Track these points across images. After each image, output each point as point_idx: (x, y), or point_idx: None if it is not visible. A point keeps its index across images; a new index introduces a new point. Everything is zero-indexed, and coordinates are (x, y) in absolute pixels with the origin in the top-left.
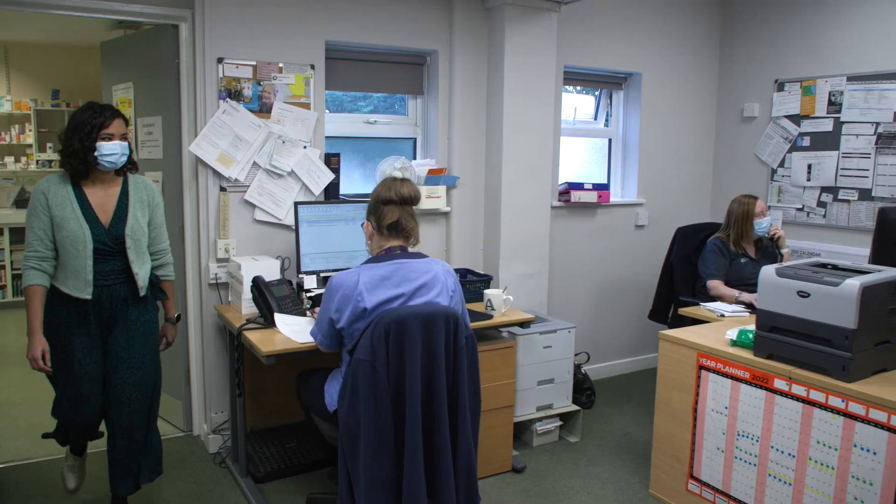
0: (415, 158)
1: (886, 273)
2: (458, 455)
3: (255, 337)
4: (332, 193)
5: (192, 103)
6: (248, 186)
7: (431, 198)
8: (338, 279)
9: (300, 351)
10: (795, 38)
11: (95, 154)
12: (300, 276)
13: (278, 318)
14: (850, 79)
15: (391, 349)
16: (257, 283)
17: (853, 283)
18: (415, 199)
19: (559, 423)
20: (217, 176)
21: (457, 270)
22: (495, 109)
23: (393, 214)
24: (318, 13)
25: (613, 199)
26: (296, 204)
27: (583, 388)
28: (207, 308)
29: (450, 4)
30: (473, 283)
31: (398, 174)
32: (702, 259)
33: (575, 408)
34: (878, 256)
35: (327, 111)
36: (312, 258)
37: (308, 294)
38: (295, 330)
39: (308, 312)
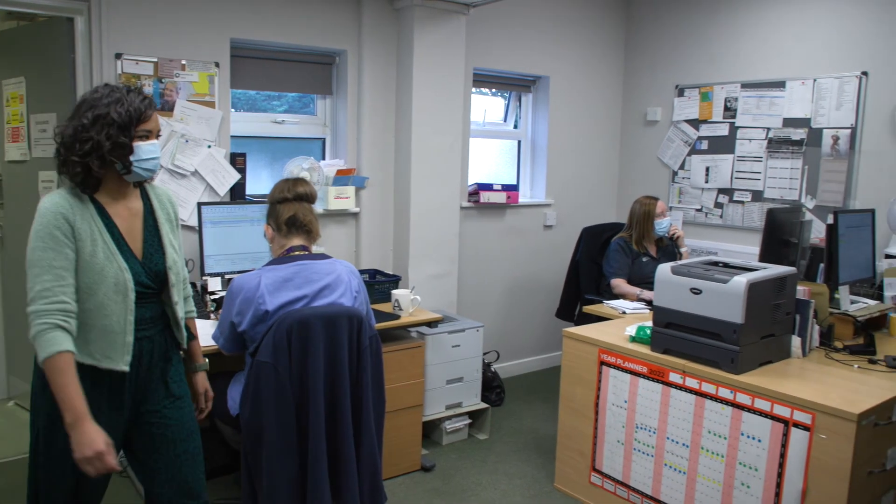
0: (324, 159)
1: (771, 270)
2: (361, 455)
3: None
4: (237, 194)
5: None
6: None
7: (340, 198)
8: (238, 282)
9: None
10: (694, 47)
11: (132, 158)
12: (204, 278)
13: None
14: (744, 86)
15: (294, 351)
16: None
17: (740, 281)
18: (310, 197)
19: (468, 421)
20: None
21: (365, 271)
22: (404, 110)
23: (289, 210)
24: (223, 10)
25: (522, 199)
26: (199, 204)
27: (492, 386)
28: None
29: (358, 5)
30: (382, 283)
31: (306, 174)
32: (606, 258)
33: (484, 406)
34: (767, 255)
35: (234, 110)
36: (217, 260)
37: (212, 297)
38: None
39: (212, 315)
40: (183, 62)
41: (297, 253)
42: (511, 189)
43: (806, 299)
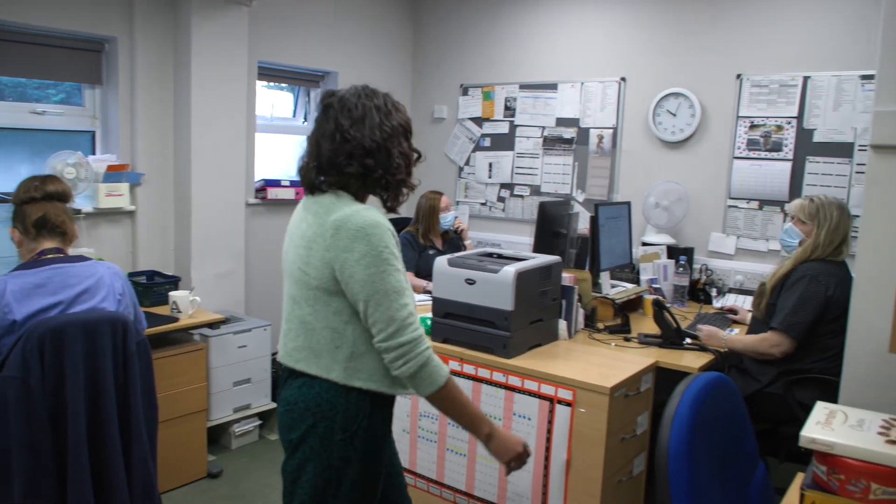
0: (93, 154)
1: (538, 260)
2: (132, 467)
3: None
4: None
5: None
6: None
7: (112, 196)
8: None
9: None
10: (477, 49)
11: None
12: None
13: None
14: (522, 87)
15: (47, 363)
16: None
17: (509, 270)
18: (63, 196)
19: (259, 422)
20: None
21: (143, 272)
22: (183, 103)
23: (38, 210)
24: None
25: None
26: None
27: None
28: None
29: None
30: (161, 285)
31: (71, 171)
32: None
33: (274, 405)
34: (539, 245)
35: None
36: None
37: None
38: None
39: None
40: None
41: (49, 256)
42: (299, 185)
43: (571, 285)
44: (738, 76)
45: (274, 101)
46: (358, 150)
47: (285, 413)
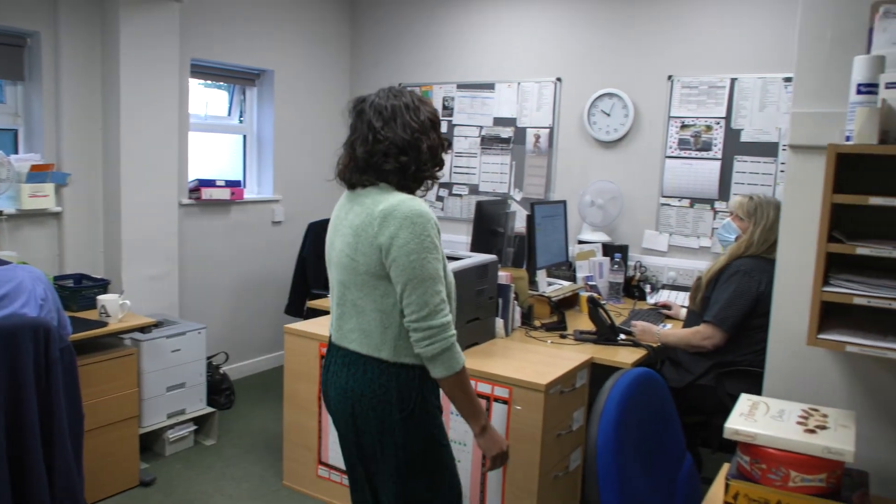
0: (16, 153)
1: (475, 259)
2: (55, 478)
3: None
4: None
5: None
6: None
7: (37, 196)
8: None
9: None
10: (415, 49)
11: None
12: None
13: None
14: (460, 87)
15: None
16: None
17: None
18: None
19: (194, 427)
20: None
21: (70, 276)
22: (111, 100)
23: None
24: None
25: (249, 195)
26: None
27: (221, 389)
28: None
29: None
30: (89, 288)
31: None
32: None
33: (211, 410)
34: (477, 244)
35: None
36: None
37: None
38: None
39: None
40: None
41: None
42: (235, 185)
43: (507, 284)
44: (670, 77)
45: (208, 100)
46: (392, 149)
47: (340, 400)
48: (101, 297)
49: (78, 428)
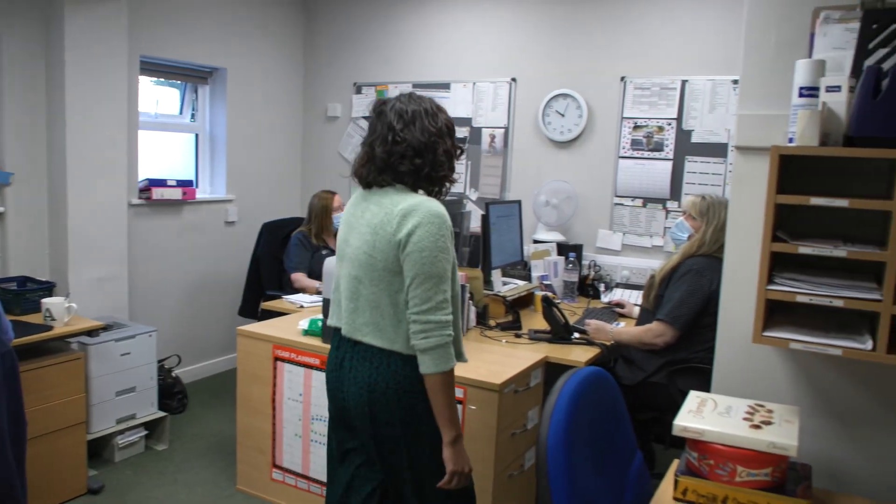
0: None
1: None
2: None
3: None
4: None
5: None
6: None
7: None
8: None
9: None
10: (370, 48)
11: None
12: None
13: None
14: (415, 86)
15: None
16: None
17: None
18: None
19: (145, 432)
20: None
21: (14, 278)
22: (56, 98)
23: None
24: None
25: (201, 195)
26: None
27: (173, 393)
28: None
29: None
30: (33, 291)
31: None
32: (286, 253)
33: (161, 414)
34: None
35: None
36: None
37: None
38: None
39: None
40: None
41: None
42: (187, 185)
43: (462, 283)
44: (622, 78)
45: (159, 98)
46: (409, 151)
47: (360, 395)
48: (46, 301)
49: (20, 435)
